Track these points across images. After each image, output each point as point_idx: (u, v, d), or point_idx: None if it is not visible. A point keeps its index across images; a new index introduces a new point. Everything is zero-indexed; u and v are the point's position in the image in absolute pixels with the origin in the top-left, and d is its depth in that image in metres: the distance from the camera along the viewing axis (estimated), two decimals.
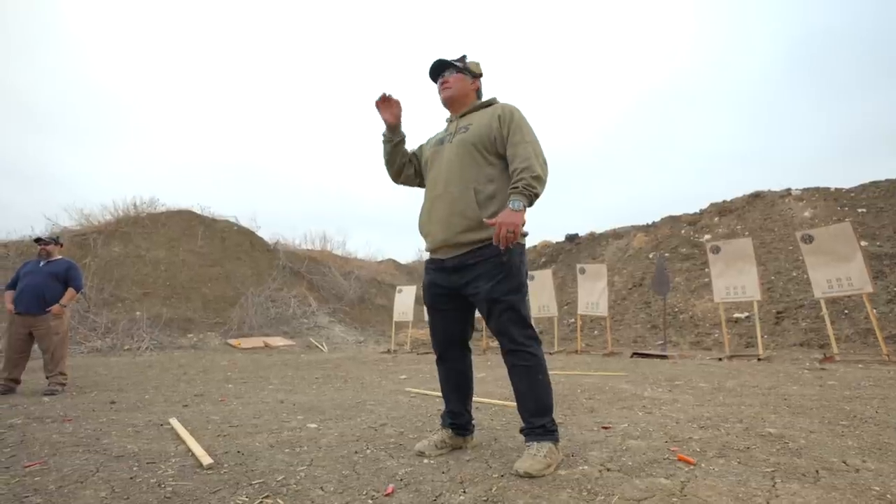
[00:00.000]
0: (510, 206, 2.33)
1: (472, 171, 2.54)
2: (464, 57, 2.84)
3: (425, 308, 2.84)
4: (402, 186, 3.01)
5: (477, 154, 2.56)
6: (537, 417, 2.40)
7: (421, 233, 2.73)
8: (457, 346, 2.75)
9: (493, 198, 2.49)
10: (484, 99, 2.84)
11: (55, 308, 5.77)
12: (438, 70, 2.80)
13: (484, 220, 2.41)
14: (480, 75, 2.87)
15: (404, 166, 2.91)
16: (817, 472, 2.17)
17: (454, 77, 2.77)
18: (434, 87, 2.84)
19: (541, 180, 2.41)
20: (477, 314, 2.70)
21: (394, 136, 2.85)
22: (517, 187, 2.37)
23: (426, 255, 2.85)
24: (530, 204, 2.40)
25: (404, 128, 2.88)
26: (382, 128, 2.86)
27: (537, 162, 2.43)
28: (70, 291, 5.93)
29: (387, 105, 2.81)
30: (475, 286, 2.48)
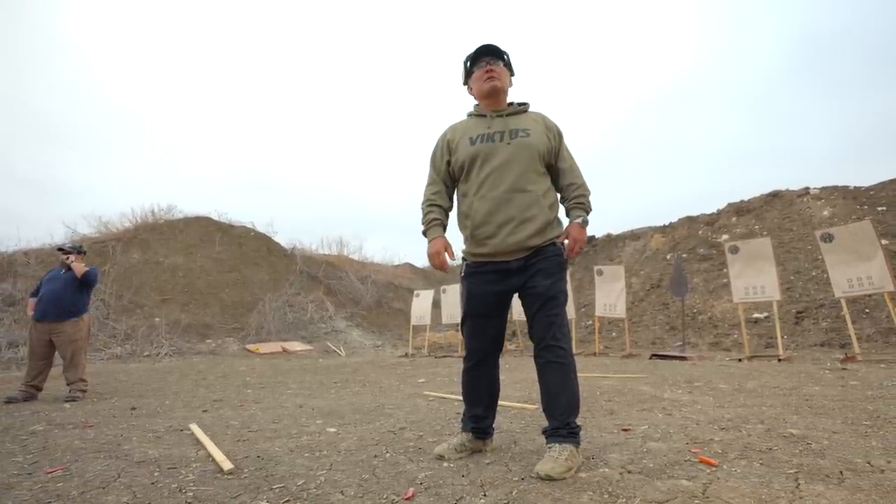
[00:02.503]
0: (578, 221, 2.58)
1: (535, 176, 2.58)
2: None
3: (459, 313, 2.80)
4: (416, 193, 2.96)
5: (538, 162, 2.59)
6: (565, 415, 2.40)
7: (476, 235, 2.58)
8: (496, 351, 2.75)
9: (553, 205, 2.62)
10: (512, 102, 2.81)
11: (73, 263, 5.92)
12: (485, 54, 2.70)
13: (558, 241, 2.57)
14: (513, 76, 2.81)
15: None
16: (841, 473, 2.14)
17: (500, 68, 2.70)
18: (444, 83, 2.78)
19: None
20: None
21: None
22: (582, 203, 2.61)
23: (457, 259, 2.80)
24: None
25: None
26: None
27: (586, 181, 2.68)
28: (80, 266, 5.99)
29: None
30: (534, 281, 2.51)
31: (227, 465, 2.53)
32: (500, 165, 2.55)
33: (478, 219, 2.56)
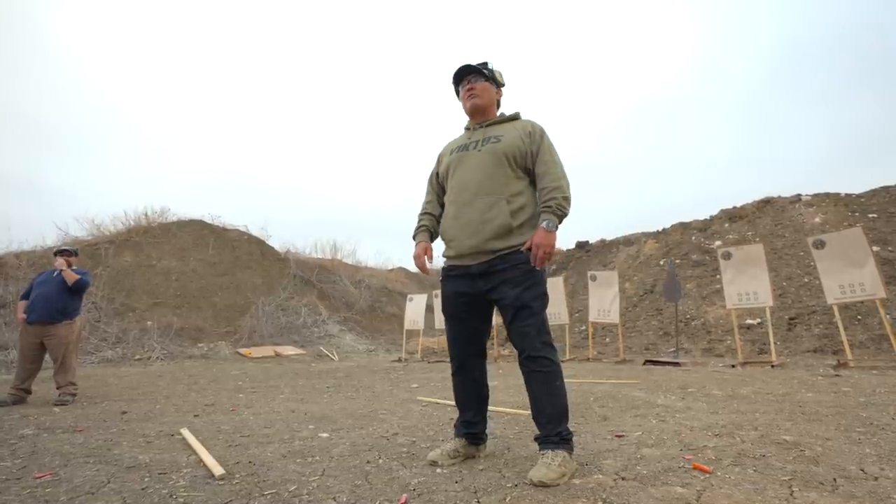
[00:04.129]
0: (543, 225, 2.43)
1: (502, 180, 2.56)
2: (486, 63, 2.81)
3: (443, 317, 2.84)
4: (410, 197, 3.00)
5: (507, 166, 2.58)
6: (553, 424, 2.39)
7: (443, 238, 2.72)
8: (476, 355, 2.75)
9: (522, 209, 2.54)
10: (503, 111, 2.86)
11: (64, 270, 5.88)
12: (464, 74, 2.79)
13: (522, 248, 2.49)
14: (503, 85, 2.86)
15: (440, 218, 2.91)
16: (835, 480, 2.14)
17: (481, 84, 2.76)
18: (438, 89, 2.85)
19: (569, 201, 2.53)
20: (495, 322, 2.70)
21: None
22: (550, 206, 2.47)
23: (437, 264, 2.85)
24: (559, 223, 2.48)
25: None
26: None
27: (566, 183, 2.54)
28: (71, 274, 5.93)
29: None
30: (501, 291, 2.49)
31: (218, 470, 2.51)
32: (468, 171, 2.64)
33: (445, 223, 2.69)
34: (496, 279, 2.50)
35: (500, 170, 2.57)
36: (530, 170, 2.63)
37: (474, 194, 2.57)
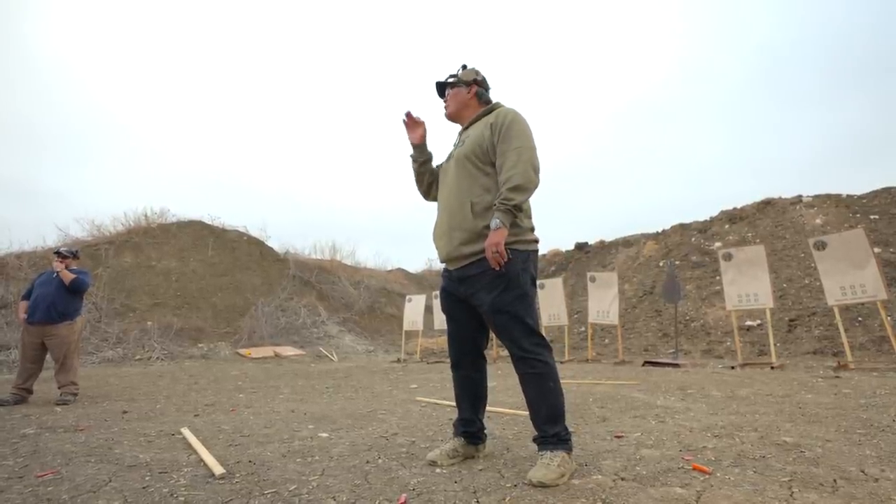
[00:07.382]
0: (491, 225, 2.38)
1: (467, 183, 2.57)
2: (463, 66, 2.87)
3: (443, 316, 2.88)
4: (408, 200, 3.05)
5: (471, 166, 2.59)
6: (549, 426, 2.38)
7: (434, 244, 2.78)
8: (471, 355, 2.75)
9: (489, 208, 2.47)
10: (490, 103, 2.84)
11: (61, 271, 5.87)
12: (441, 91, 2.91)
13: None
14: (474, 80, 2.83)
15: (432, 185, 2.95)
16: (835, 481, 2.14)
17: (450, 94, 2.85)
18: (435, 90, 2.95)
19: (520, 189, 2.39)
20: None
21: (419, 156, 2.93)
22: (496, 204, 2.41)
23: (435, 265, 2.91)
24: (514, 216, 2.40)
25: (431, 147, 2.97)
26: (410, 149, 2.96)
27: (520, 169, 2.41)
28: (67, 274, 5.92)
29: (412, 125, 2.92)
30: (479, 298, 2.50)
31: (218, 469, 2.52)
32: (446, 180, 2.74)
33: (434, 230, 2.78)
34: (475, 284, 2.50)
35: (465, 172, 2.59)
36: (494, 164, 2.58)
37: (446, 201, 2.66)
